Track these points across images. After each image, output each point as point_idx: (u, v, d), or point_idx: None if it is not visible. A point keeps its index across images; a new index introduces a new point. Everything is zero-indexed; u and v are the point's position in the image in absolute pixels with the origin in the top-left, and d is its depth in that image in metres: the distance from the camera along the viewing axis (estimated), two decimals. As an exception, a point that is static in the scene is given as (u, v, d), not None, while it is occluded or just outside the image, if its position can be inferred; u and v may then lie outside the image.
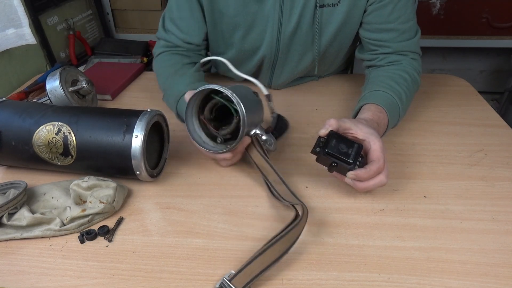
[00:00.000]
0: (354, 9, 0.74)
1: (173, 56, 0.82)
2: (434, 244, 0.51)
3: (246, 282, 0.44)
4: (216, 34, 0.82)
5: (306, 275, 0.47)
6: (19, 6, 0.98)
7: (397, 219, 0.55)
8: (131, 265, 0.49)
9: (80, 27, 1.37)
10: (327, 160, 0.56)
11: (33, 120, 0.59)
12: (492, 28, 1.56)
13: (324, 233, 0.53)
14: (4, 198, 0.56)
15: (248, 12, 0.76)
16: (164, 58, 0.82)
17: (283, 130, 0.73)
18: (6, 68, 0.99)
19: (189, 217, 0.56)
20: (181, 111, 0.72)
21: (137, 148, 0.56)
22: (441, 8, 1.55)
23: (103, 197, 0.55)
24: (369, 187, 0.55)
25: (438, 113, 0.81)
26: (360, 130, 0.57)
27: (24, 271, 0.48)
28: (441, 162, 0.66)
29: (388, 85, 0.70)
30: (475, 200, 0.58)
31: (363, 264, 0.48)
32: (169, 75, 0.79)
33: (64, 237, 0.53)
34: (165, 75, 0.80)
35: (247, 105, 0.55)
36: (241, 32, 0.79)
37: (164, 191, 0.61)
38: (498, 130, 0.75)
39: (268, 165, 0.59)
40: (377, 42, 0.76)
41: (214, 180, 0.63)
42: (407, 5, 0.73)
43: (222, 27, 0.80)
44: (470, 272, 0.47)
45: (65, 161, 0.59)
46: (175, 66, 0.80)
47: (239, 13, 0.76)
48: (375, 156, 0.55)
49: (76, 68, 0.82)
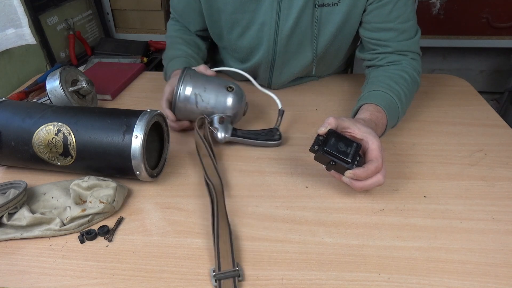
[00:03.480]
0: (354, 9, 0.74)
1: (176, 25, 0.92)
2: (434, 244, 0.51)
3: (231, 261, 0.47)
4: (215, 31, 0.84)
5: (306, 275, 0.47)
6: (19, 6, 0.98)
7: (397, 219, 0.55)
8: (131, 265, 0.49)
9: (80, 27, 1.37)
10: (325, 159, 0.56)
11: (32, 121, 0.59)
12: (492, 28, 1.56)
13: (324, 233, 0.53)
14: (4, 198, 0.56)
15: (246, 10, 0.76)
16: (171, 22, 0.94)
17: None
18: (6, 68, 0.99)
19: (189, 217, 0.56)
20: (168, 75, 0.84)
21: (137, 149, 0.56)
22: (441, 8, 1.55)
23: (103, 197, 0.55)
24: (366, 187, 0.55)
25: (438, 113, 0.81)
26: (358, 130, 0.57)
27: (24, 271, 0.48)
28: (441, 162, 0.66)
29: (387, 85, 0.70)
30: (475, 200, 0.58)
31: (363, 264, 0.48)
32: (171, 43, 0.90)
33: (64, 237, 0.53)
34: (169, 40, 0.91)
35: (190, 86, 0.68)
36: (239, 29, 0.80)
37: (164, 191, 0.61)
38: (498, 130, 0.75)
39: (206, 149, 0.63)
40: (377, 41, 0.76)
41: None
42: (407, 5, 0.73)
43: (220, 24, 0.81)
44: (470, 272, 0.47)
45: (65, 162, 0.59)
46: (178, 33, 0.90)
47: (237, 10, 0.77)
48: (373, 156, 0.55)
49: (76, 68, 0.82)
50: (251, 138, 0.70)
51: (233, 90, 0.70)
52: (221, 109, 0.69)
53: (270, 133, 0.71)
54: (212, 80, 0.71)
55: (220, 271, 0.46)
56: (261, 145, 0.70)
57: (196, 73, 0.71)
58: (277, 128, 0.72)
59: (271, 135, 0.70)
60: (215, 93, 0.69)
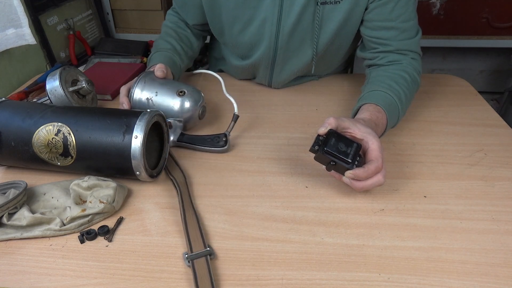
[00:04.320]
0: (355, 7, 0.74)
1: (174, 17, 0.93)
2: (434, 244, 0.51)
3: (202, 243, 0.50)
4: (216, 26, 0.84)
5: (306, 275, 0.47)
6: (19, 6, 0.98)
7: (397, 219, 0.55)
8: (131, 265, 0.49)
9: (80, 27, 1.37)
10: (325, 159, 0.56)
11: (32, 121, 0.59)
12: (492, 28, 1.55)
13: (324, 233, 0.53)
14: (4, 198, 0.56)
15: (247, 6, 0.77)
16: (171, 12, 0.94)
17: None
18: (6, 68, 0.99)
19: (189, 217, 0.56)
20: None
21: (137, 149, 0.56)
22: (441, 8, 1.55)
23: (103, 197, 0.55)
24: (366, 187, 0.55)
25: (438, 113, 0.81)
26: (358, 130, 0.57)
27: (24, 271, 0.48)
28: (441, 162, 0.66)
29: (387, 85, 0.70)
30: (475, 200, 0.58)
31: (363, 264, 0.48)
32: (165, 32, 0.91)
33: (64, 237, 0.53)
34: (164, 29, 0.92)
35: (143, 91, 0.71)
36: (240, 25, 0.80)
37: (164, 191, 0.61)
38: (498, 130, 0.75)
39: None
40: (378, 40, 0.76)
41: (214, 180, 0.63)
42: (408, 4, 0.73)
43: (221, 19, 0.81)
44: (470, 272, 0.47)
45: (65, 162, 0.59)
46: (173, 25, 0.92)
47: (238, 6, 0.77)
48: (373, 156, 0.55)
49: (76, 68, 0.82)
50: (196, 144, 0.70)
51: (184, 94, 0.71)
52: (171, 114, 0.70)
53: (217, 138, 0.69)
54: (167, 84, 0.72)
55: (192, 253, 0.49)
56: (206, 150, 0.69)
57: (153, 78, 0.73)
58: (225, 134, 0.70)
59: (216, 141, 0.69)
60: (166, 98, 0.71)
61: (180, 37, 0.90)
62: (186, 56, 0.90)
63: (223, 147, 0.69)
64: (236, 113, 0.71)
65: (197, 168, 0.66)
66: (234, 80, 0.96)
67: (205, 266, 0.47)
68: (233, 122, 0.71)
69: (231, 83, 0.94)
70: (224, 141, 0.69)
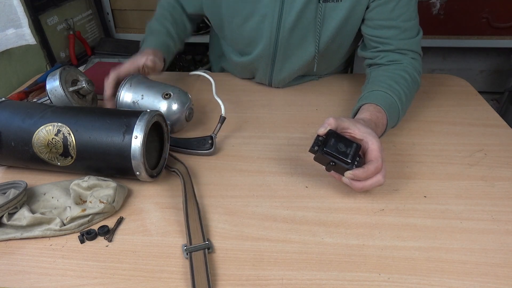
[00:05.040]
0: (357, 6, 0.74)
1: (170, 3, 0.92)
2: (434, 244, 0.51)
3: (201, 236, 0.51)
4: (216, 19, 0.84)
5: (306, 275, 0.47)
6: (19, 6, 0.98)
7: (397, 219, 0.55)
8: (131, 265, 0.49)
9: (80, 27, 1.37)
10: (325, 159, 0.56)
11: (32, 121, 0.59)
12: (492, 28, 1.55)
13: (324, 233, 0.53)
14: (4, 198, 0.56)
15: (247, 0, 0.77)
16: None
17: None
18: (6, 68, 0.99)
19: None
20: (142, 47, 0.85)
21: (136, 149, 0.56)
22: (441, 8, 1.55)
23: (103, 197, 0.55)
24: (366, 187, 0.55)
25: (438, 113, 0.81)
26: (358, 130, 0.57)
27: (24, 271, 0.48)
28: (441, 162, 0.66)
29: (387, 85, 0.70)
30: (475, 200, 0.58)
31: (363, 264, 0.48)
32: (161, 14, 0.90)
33: (64, 237, 0.53)
34: (160, 10, 0.91)
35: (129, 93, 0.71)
36: (239, 19, 0.80)
37: (164, 191, 0.61)
38: (498, 130, 0.75)
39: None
40: (379, 39, 0.76)
41: (214, 180, 0.63)
42: (410, 4, 0.73)
43: (221, 12, 0.81)
44: (470, 272, 0.47)
45: (65, 162, 0.59)
46: (170, 8, 0.91)
47: (238, 0, 0.77)
48: (373, 156, 0.55)
49: (76, 68, 0.82)
50: (181, 147, 0.69)
51: (170, 96, 0.70)
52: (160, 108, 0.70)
53: (203, 141, 0.69)
54: (154, 86, 0.72)
55: (191, 245, 0.49)
56: (192, 153, 0.69)
57: (140, 80, 0.73)
58: (211, 136, 0.69)
59: (202, 144, 0.68)
60: (151, 100, 0.70)
61: (176, 22, 0.90)
62: (180, 40, 0.90)
63: (209, 149, 0.68)
64: (223, 115, 0.70)
65: (197, 168, 0.66)
66: (235, 80, 0.96)
67: (202, 259, 0.47)
68: (220, 124, 0.70)
69: (231, 83, 0.94)
70: (210, 144, 0.68)
